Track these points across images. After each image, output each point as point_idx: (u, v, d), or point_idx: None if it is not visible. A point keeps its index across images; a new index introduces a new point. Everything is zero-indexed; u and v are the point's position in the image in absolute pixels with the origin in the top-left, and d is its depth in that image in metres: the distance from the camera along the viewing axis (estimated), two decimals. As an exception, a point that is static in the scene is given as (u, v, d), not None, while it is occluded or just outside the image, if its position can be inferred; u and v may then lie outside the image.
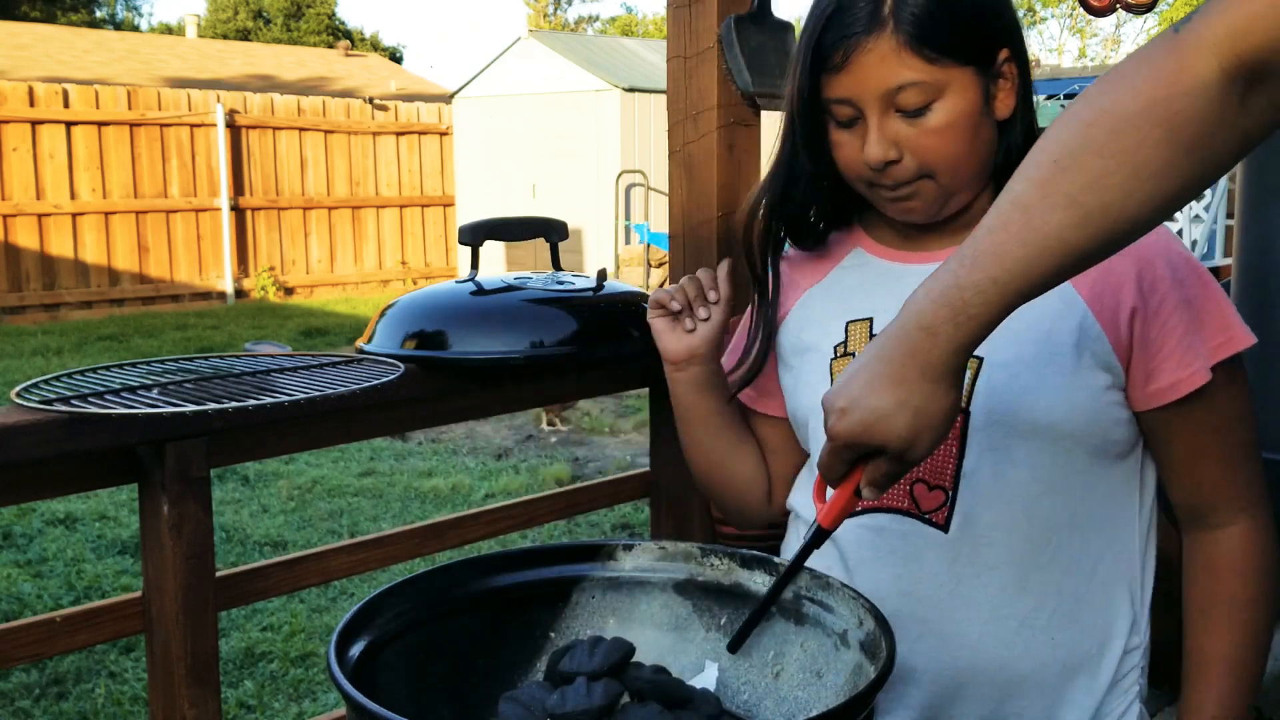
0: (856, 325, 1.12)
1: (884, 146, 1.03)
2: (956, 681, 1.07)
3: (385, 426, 1.52)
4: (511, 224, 1.58)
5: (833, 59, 1.02)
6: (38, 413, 1.14)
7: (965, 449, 1.05)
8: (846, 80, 1.02)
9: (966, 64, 1.02)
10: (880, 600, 1.04)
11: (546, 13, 35.06)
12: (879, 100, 1.02)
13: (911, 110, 1.01)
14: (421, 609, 0.97)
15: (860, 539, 1.10)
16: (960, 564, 1.06)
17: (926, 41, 1.00)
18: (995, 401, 1.04)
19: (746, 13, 1.71)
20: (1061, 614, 1.07)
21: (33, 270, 10.07)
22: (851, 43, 1.01)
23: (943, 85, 1.01)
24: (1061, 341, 1.03)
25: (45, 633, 1.24)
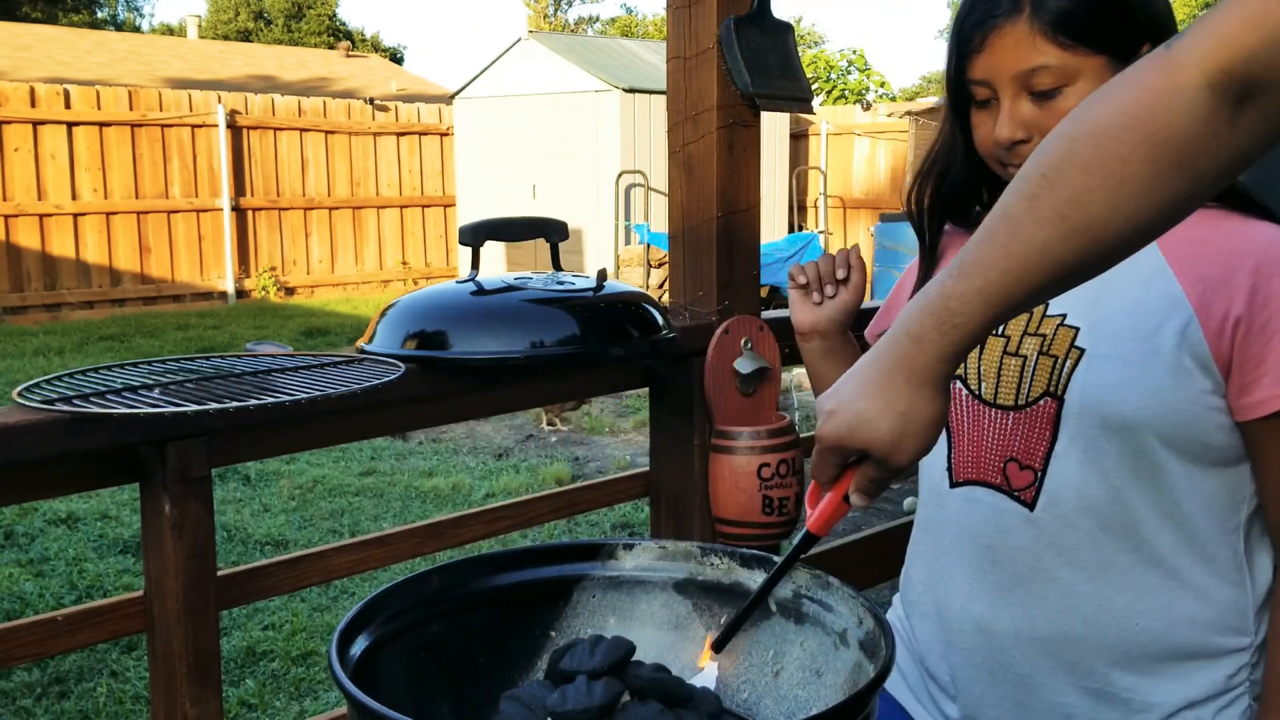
0: None
1: (1013, 126, 1.07)
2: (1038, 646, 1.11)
3: (386, 426, 1.52)
4: (511, 224, 1.58)
5: (973, 41, 1.08)
6: (39, 412, 1.14)
7: (1057, 434, 1.09)
8: (984, 61, 1.07)
9: (1101, 52, 1.04)
10: (971, 568, 1.13)
11: (546, 14, 35.05)
12: (1012, 82, 1.06)
13: (1043, 93, 1.05)
14: (422, 608, 0.97)
15: (960, 509, 1.17)
16: (1042, 542, 1.10)
17: (1062, 28, 1.03)
18: (1089, 394, 1.07)
19: (746, 13, 1.72)
20: (1148, 604, 1.08)
21: (34, 270, 10.08)
22: (990, 25, 1.06)
23: (1075, 71, 1.04)
24: (1163, 343, 1.04)
25: (47, 632, 1.25)
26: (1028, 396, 1.11)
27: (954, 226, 1.26)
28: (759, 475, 1.67)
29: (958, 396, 1.17)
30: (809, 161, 12.93)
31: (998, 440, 1.13)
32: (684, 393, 1.74)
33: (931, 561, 1.21)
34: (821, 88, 22.25)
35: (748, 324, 1.74)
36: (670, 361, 1.72)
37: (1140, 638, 1.09)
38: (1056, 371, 1.09)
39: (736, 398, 1.72)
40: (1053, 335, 1.10)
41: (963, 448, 1.16)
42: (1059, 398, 1.08)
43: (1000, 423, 1.13)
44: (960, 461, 1.16)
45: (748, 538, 1.67)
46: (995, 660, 1.14)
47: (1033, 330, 1.12)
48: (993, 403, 1.14)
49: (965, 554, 1.16)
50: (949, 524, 1.18)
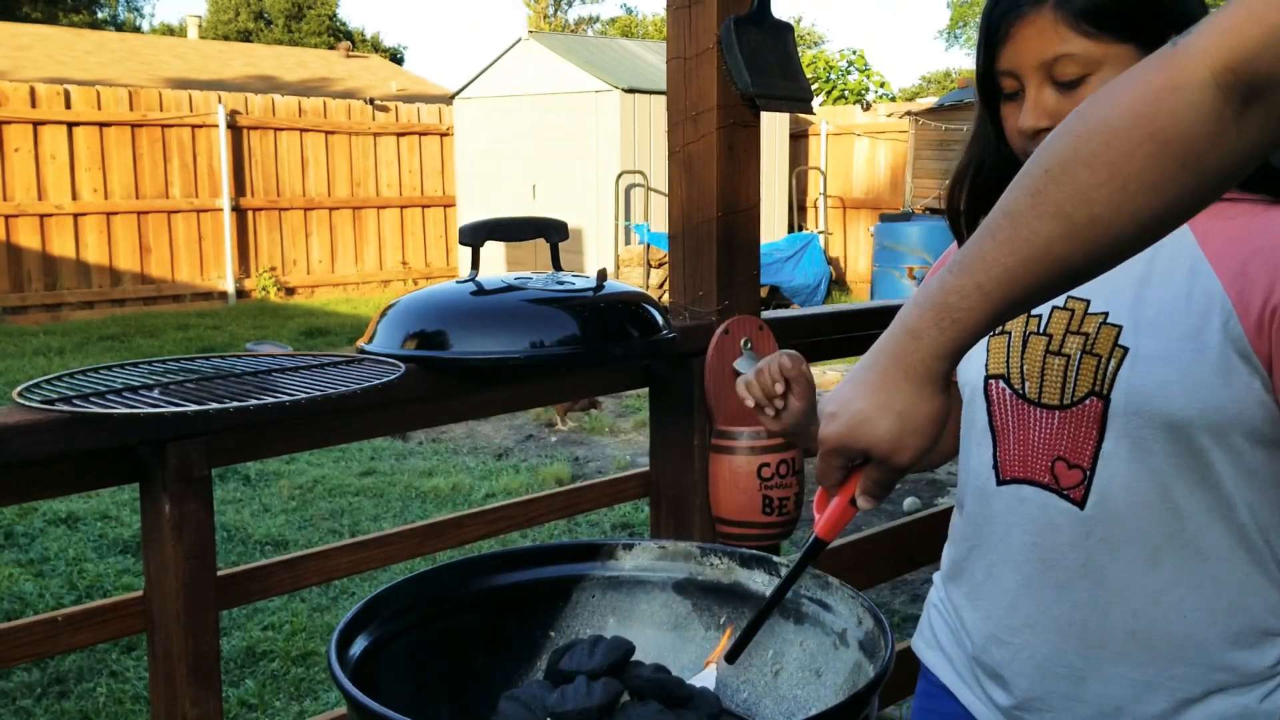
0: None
1: (1037, 115, 1.07)
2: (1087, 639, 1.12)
3: (386, 426, 1.52)
4: (511, 224, 1.58)
5: (1000, 32, 1.08)
6: (39, 412, 1.14)
7: (1104, 433, 1.09)
8: (1010, 51, 1.08)
9: (1127, 41, 1.04)
10: (1019, 564, 1.13)
11: (546, 14, 35.05)
12: (1036, 71, 1.07)
13: (1068, 82, 1.05)
14: (422, 608, 0.97)
15: (1007, 507, 1.16)
16: (1093, 540, 1.10)
17: (1086, 16, 1.04)
18: (1135, 392, 1.07)
19: (746, 14, 1.72)
20: (1197, 596, 1.09)
21: (34, 270, 10.07)
22: (1015, 15, 1.07)
23: (1099, 60, 1.04)
24: (1208, 341, 1.04)
25: (47, 632, 1.25)
26: (1073, 396, 1.11)
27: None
28: (759, 475, 1.67)
29: (1001, 396, 1.17)
30: (809, 161, 12.93)
31: (1044, 439, 1.13)
32: (684, 393, 1.73)
33: (978, 556, 1.21)
34: (821, 88, 22.25)
35: (748, 324, 1.74)
36: (670, 361, 1.72)
37: (1189, 629, 1.10)
38: (1101, 371, 1.09)
39: (736, 398, 1.72)
40: (1095, 334, 1.10)
41: (1009, 446, 1.16)
42: (1105, 397, 1.08)
43: (1046, 422, 1.13)
44: (1007, 460, 1.16)
45: (748, 538, 1.67)
46: (1045, 654, 1.15)
47: (1075, 329, 1.12)
48: (1037, 402, 1.14)
49: (1013, 551, 1.16)
50: (996, 521, 1.18)
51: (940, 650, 1.30)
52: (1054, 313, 1.14)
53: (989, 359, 1.18)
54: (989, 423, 1.18)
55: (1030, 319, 1.15)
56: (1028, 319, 1.16)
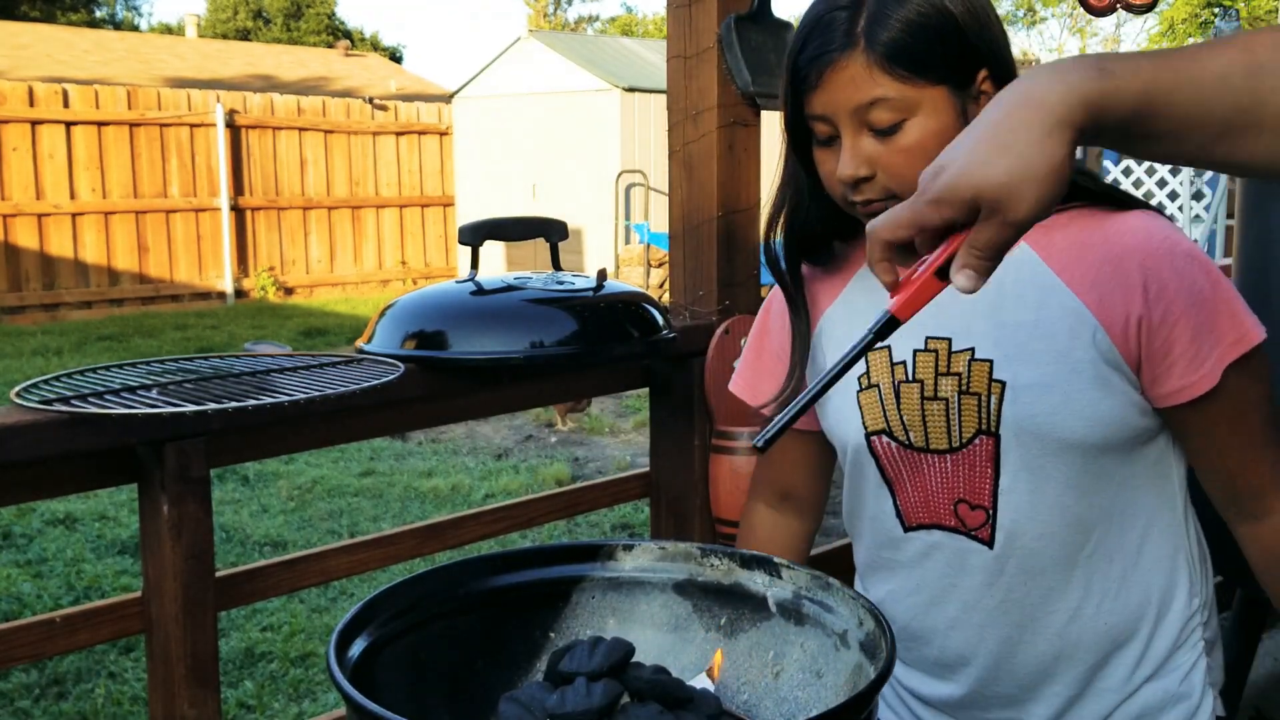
0: (875, 354, 1.14)
1: (855, 164, 1.04)
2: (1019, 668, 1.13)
3: (385, 426, 1.52)
4: (511, 224, 1.58)
5: (810, 77, 1.04)
6: (37, 413, 1.14)
7: (1000, 470, 1.08)
8: (822, 97, 1.04)
9: (939, 83, 1.02)
10: (943, 606, 1.14)
11: (546, 13, 35.05)
12: (851, 117, 1.03)
13: (883, 129, 1.02)
14: (421, 609, 0.97)
15: (920, 552, 1.15)
16: (1007, 575, 1.10)
17: (897, 60, 1.01)
18: (1024, 424, 1.06)
19: (746, 12, 1.71)
20: (1109, 599, 1.11)
21: (32, 270, 10.07)
22: (824, 60, 1.02)
23: (914, 103, 1.01)
24: (1079, 358, 1.04)
25: (45, 633, 1.25)
26: (961, 438, 1.09)
27: (811, 268, 1.21)
28: (759, 475, 1.67)
29: (888, 450, 1.14)
30: (808, 161, 12.92)
31: (942, 484, 1.12)
32: (684, 393, 1.73)
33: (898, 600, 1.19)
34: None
35: (748, 324, 1.73)
36: (670, 361, 1.72)
37: (1112, 633, 1.11)
38: (984, 409, 1.07)
39: (736, 398, 1.71)
40: (968, 372, 1.09)
41: (907, 494, 1.14)
42: (994, 434, 1.07)
43: (940, 467, 1.11)
44: (909, 507, 1.15)
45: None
46: (984, 683, 1.16)
47: (945, 370, 1.10)
48: (925, 449, 1.11)
49: (930, 595, 1.15)
50: (909, 567, 1.16)
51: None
52: (918, 356, 1.12)
53: (864, 416, 1.14)
54: (881, 476, 1.15)
55: (895, 367, 1.12)
56: (892, 368, 1.13)
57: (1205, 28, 21.62)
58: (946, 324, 1.10)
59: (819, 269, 1.21)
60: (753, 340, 1.30)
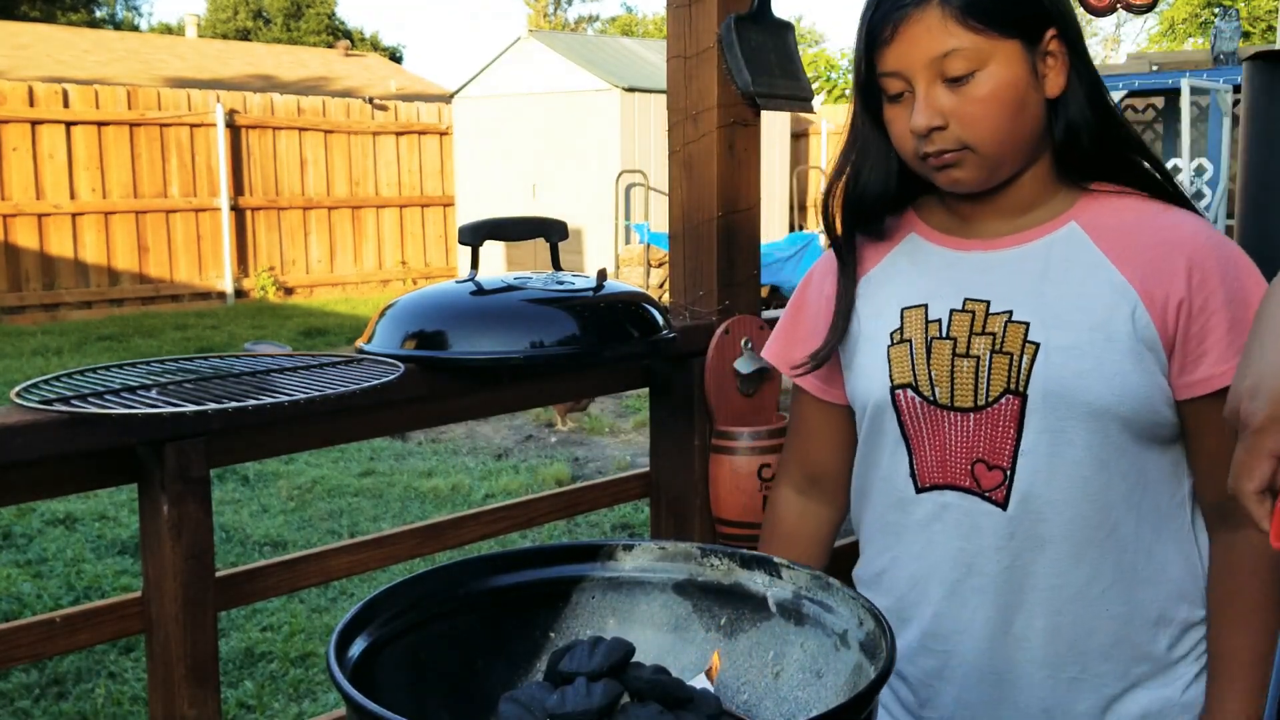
0: (912, 311, 1.17)
1: (929, 114, 1.07)
2: (1014, 642, 1.13)
3: (385, 426, 1.52)
4: (511, 224, 1.58)
5: (883, 33, 1.07)
6: (37, 413, 1.14)
7: (1023, 430, 1.09)
8: (896, 51, 1.07)
9: (1012, 37, 1.06)
10: (945, 571, 1.13)
11: (546, 13, 35.04)
12: (925, 69, 1.06)
13: (956, 77, 1.06)
14: (421, 609, 0.97)
15: (930, 514, 1.16)
16: (1018, 540, 1.11)
17: (971, 12, 1.04)
18: (1052, 385, 1.08)
19: (746, 13, 1.71)
20: (1118, 587, 1.11)
21: (32, 270, 10.07)
22: (899, 15, 1.06)
23: (987, 54, 1.05)
24: (1117, 329, 1.07)
25: (45, 633, 1.24)
26: (987, 396, 1.11)
27: (863, 236, 1.23)
28: (759, 476, 1.67)
29: (910, 405, 1.15)
30: (809, 161, 12.93)
31: (961, 443, 1.12)
32: (684, 393, 1.73)
33: (900, 567, 1.19)
34: (822, 87, 22.26)
35: (748, 324, 1.73)
36: (670, 361, 1.72)
37: (1114, 623, 1.12)
38: (1015, 368, 1.09)
39: (737, 398, 1.71)
40: (1003, 333, 1.11)
41: (924, 453, 1.15)
42: (1021, 394, 1.09)
43: (962, 425, 1.12)
44: (924, 467, 1.15)
45: (748, 538, 1.67)
46: (971, 662, 1.15)
47: (980, 330, 1.12)
48: (950, 406, 1.13)
49: (938, 558, 1.15)
50: (917, 529, 1.17)
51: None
52: (954, 315, 1.14)
53: (892, 369, 1.16)
54: (900, 432, 1.16)
55: (930, 324, 1.15)
56: (926, 325, 1.15)
57: (1205, 28, 21.61)
58: (987, 288, 1.13)
59: (870, 239, 1.24)
60: (789, 311, 1.33)
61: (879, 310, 1.19)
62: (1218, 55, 8.27)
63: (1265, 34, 19.60)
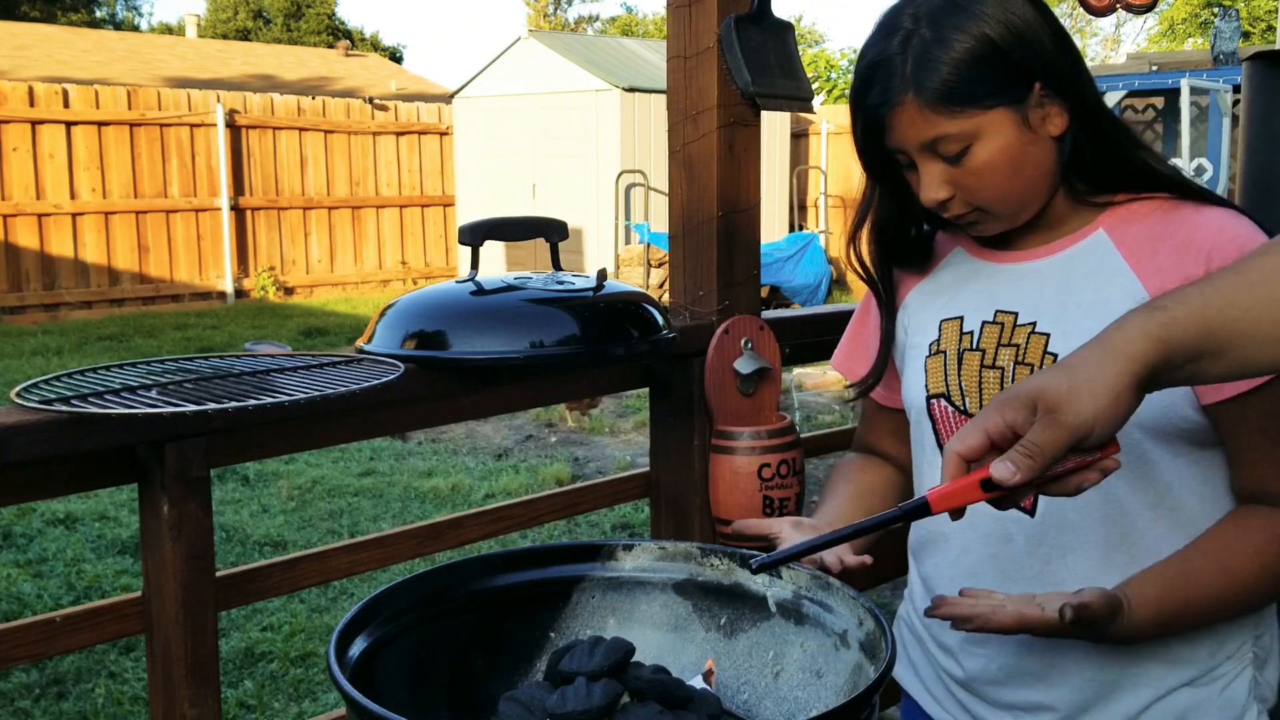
0: (949, 323, 1.21)
1: (933, 189, 1.10)
2: (1050, 644, 1.14)
3: (385, 426, 1.52)
4: (511, 224, 1.58)
5: (876, 120, 1.10)
6: (38, 413, 1.14)
7: None
8: (893, 137, 1.10)
9: (996, 106, 1.06)
10: (979, 576, 1.16)
11: (546, 13, 35.04)
12: (920, 151, 1.09)
13: (951, 157, 1.08)
14: (421, 609, 0.97)
15: (963, 522, 1.15)
16: (1046, 546, 1.13)
17: (948, 99, 1.05)
18: None
19: (746, 13, 1.71)
20: None
21: (33, 270, 10.07)
22: (883, 111, 1.09)
23: (975, 131, 1.06)
24: None
25: (45, 633, 1.24)
26: None
27: (903, 269, 1.28)
28: (759, 476, 1.67)
29: (944, 414, 1.19)
30: (809, 161, 12.93)
31: None
32: (684, 393, 1.73)
33: (940, 571, 1.23)
34: (822, 87, 22.26)
35: (748, 324, 1.73)
36: (670, 361, 1.72)
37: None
38: None
39: (737, 398, 1.71)
40: (1025, 344, 1.13)
41: None
42: None
43: None
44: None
45: (747, 539, 1.67)
46: (1014, 662, 1.17)
47: (1006, 342, 1.15)
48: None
49: (973, 564, 1.18)
50: (953, 536, 1.20)
51: (911, 667, 1.32)
52: (985, 328, 1.17)
53: (928, 379, 1.21)
54: (936, 440, 1.21)
55: (963, 336, 1.19)
56: (960, 337, 1.19)
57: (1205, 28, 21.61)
58: (1016, 300, 1.16)
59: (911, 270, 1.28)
60: (855, 322, 1.38)
61: (924, 323, 1.24)
62: (1217, 55, 8.27)
63: (1265, 34, 19.59)
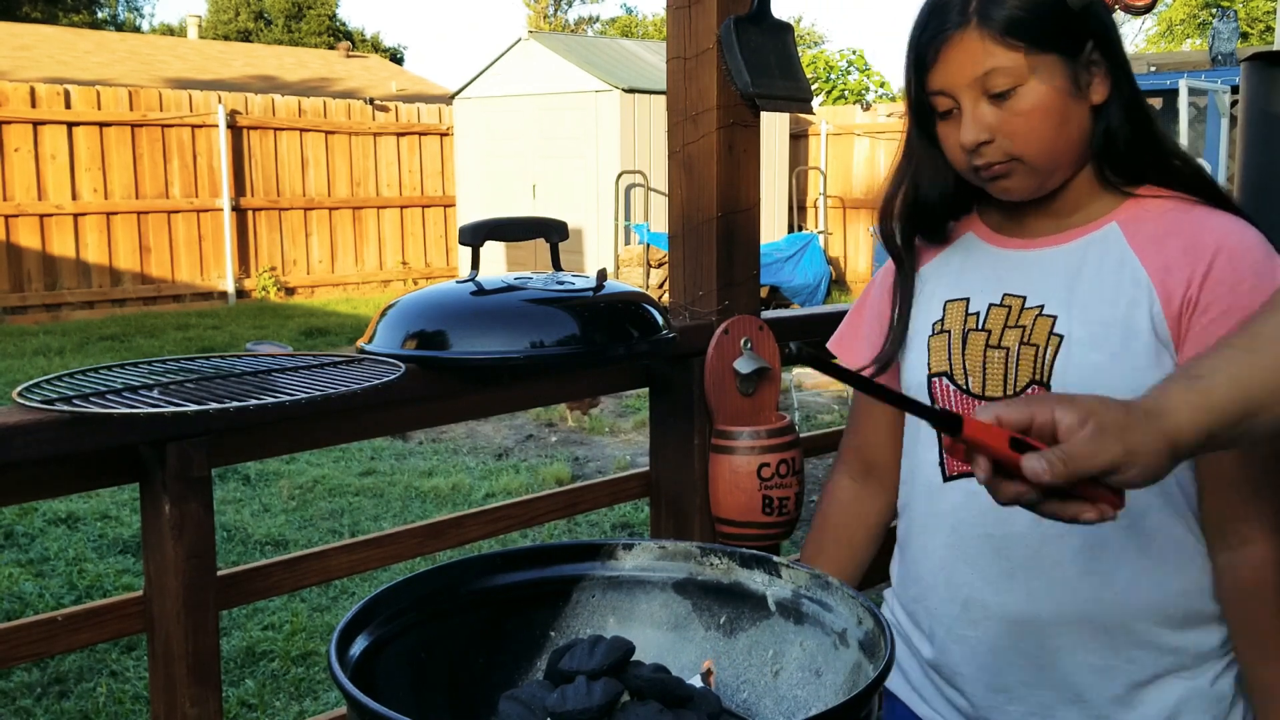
0: (954, 304, 1.21)
1: (976, 129, 1.10)
2: (1043, 627, 1.15)
3: (386, 426, 1.52)
4: (511, 224, 1.58)
5: (928, 55, 1.11)
6: (39, 412, 1.14)
7: None
8: (941, 72, 1.11)
9: (1051, 51, 1.08)
10: (973, 558, 1.16)
11: (546, 14, 35.04)
12: (970, 87, 1.10)
13: (1000, 94, 1.09)
14: (422, 608, 0.97)
15: (958, 502, 1.19)
16: (1042, 527, 1.12)
17: (1009, 30, 1.07)
18: (1071, 376, 1.11)
19: (746, 14, 1.72)
20: (1146, 577, 1.12)
21: (34, 270, 10.07)
22: (941, 38, 1.10)
23: (1028, 70, 1.08)
24: (1137, 326, 1.10)
25: (47, 632, 1.25)
26: (1015, 386, 1.14)
27: (923, 241, 1.28)
28: (759, 475, 1.67)
29: (945, 392, 1.19)
30: (809, 161, 12.93)
31: None
32: (684, 393, 1.73)
33: (927, 556, 1.23)
34: (821, 88, 22.26)
35: (748, 324, 1.74)
36: (670, 361, 1.72)
37: (1140, 613, 1.13)
38: (1039, 359, 1.12)
39: (736, 398, 1.72)
40: (1032, 325, 1.14)
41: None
42: (1045, 384, 1.12)
43: None
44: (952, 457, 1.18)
45: (748, 538, 1.67)
46: (1003, 645, 1.17)
47: (1013, 323, 1.16)
48: (981, 395, 1.16)
49: (966, 546, 1.18)
50: (945, 518, 1.20)
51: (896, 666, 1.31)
52: (991, 310, 1.18)
53: (930, 358, 1.21)
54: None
55: (969, 317, 1.19)
56: (966, 316, 1.19)
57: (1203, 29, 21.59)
58: (1025, 284, 1.16)
59: (932, 243, 1.28)
60: (852, 314, 1.38)
61: (927, 304, 1.24)
62: (1215, 56, 8.27)
63: (1263, 35, 19.58)
